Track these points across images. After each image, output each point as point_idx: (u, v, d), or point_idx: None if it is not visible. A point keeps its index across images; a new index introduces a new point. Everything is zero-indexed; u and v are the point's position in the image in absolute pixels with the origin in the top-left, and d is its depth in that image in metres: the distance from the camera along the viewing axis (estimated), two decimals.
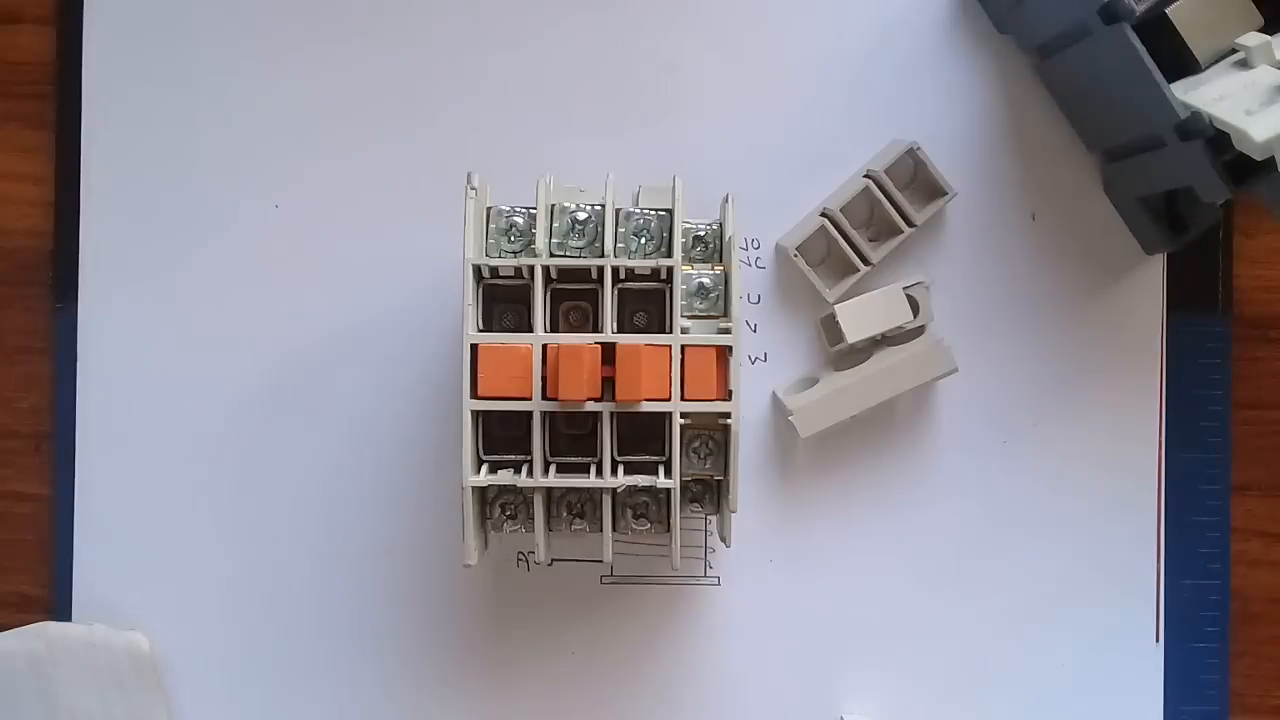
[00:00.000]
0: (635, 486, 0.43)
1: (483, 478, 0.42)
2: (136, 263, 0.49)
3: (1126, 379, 0.50)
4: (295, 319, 0.50)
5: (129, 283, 0.49)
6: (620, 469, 0.43)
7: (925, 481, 0.50)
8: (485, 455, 0.43)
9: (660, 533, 0.44)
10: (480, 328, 0.43)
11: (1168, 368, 0.50)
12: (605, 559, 0.43)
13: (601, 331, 0.42)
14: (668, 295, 0.43)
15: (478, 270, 0.43)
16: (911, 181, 0.49)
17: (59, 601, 0.49)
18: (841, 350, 0.49)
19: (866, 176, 0.48)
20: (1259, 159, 0.39)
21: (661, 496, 0.44)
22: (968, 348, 0.49)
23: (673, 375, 0.42)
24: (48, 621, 0.49)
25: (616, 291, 0.43)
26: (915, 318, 0.48)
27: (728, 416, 0.42)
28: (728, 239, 0.44)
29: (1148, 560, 0.50)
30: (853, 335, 0.48)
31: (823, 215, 0.48)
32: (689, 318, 0.43)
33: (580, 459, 0.43)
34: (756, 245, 0.50)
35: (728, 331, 0.42)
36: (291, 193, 0.50)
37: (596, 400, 0.42)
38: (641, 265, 0.43)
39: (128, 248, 0.49)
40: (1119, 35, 0.43)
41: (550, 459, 0.43)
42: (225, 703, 0.50)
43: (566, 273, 0.43)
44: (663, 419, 0.42)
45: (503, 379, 0.42)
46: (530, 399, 0.42)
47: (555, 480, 0.42)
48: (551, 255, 0.43)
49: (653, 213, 0.44)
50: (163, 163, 0.50)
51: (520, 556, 0.50)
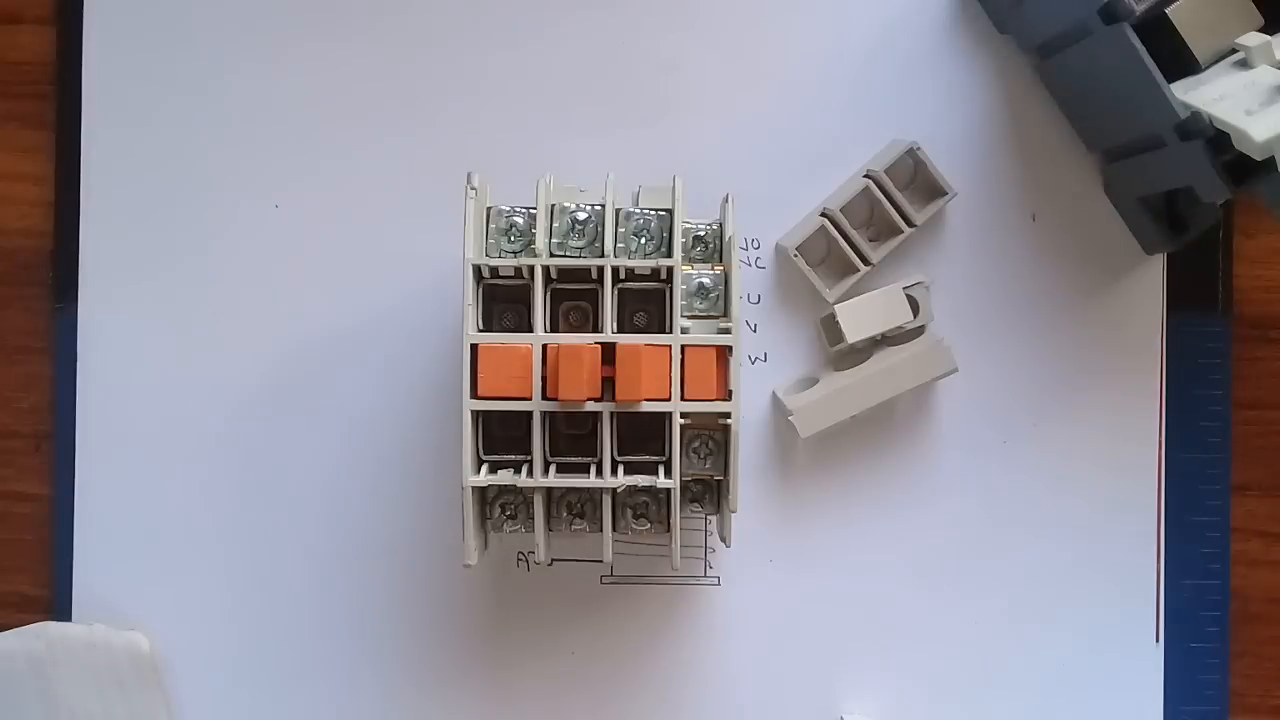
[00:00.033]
0: (635, 486, 0.43)
1: (483, 478, 0.42)
2: (136, 263, 0.49)
3: (1126, 379, 0.50)
4: (295, 319, 0.50)
5: (129, 283, 0.49)
6: (620, 469, 0.43)
7: (925, 481, 0.50)
8: (485, 455, 0.43)
9: (660, 533, 0.44)
10: (480, 328, 0.43)
11: (1168, 368, 0.50)
12: (605, 559, 0.43)
13: (601, 331, 0.42)
14: (668, 295, 0.43)
15: (478, 270, 0.43)
16: (911, 181, 0.49)
17: (59, 601, 0.49)
18: (841, 350, 0.49)
19: (866, 176, 0.48)
20: (1259, 159, 0.39)
21: (661, 496, 0.44)
22: (968, 348, 0.49)
23: (673, 375, 0.42)
24: (48, 621, 0.49)
25: (616, 291, 0.43)
26: (915, 318, 0.48)
27: (728, 416, 0.42)
28: (728, 239, 0.43)
29: (1148, 560, 0.50)
30: (853, 335, 0.48)
31: (823, 215, 0.48)
32: (689, 318, 0.43)
33: (580, 459, 0.43)
34: (756, 245, 0.50)
35: (728, 331, 0.42)
36: (291, 193, 0.50)
37: (596, 400, 0.42)
38: (641, 265, 0.43)
39: (128, 248, 0.49)
40: (1119, 35, 0.43)
41: (550, 459, 0.43)
42: (225, 703, 0.50)
43: (566, 273, 0.43)
44: (663, 419, 0.42)
45: (503, 379, 0.42)
46: (530, 399, 0.42)
47: (555, 480, 0.42)
48: (551, 255, 0.43)
49: (653, 213, 0.44)
50: (163, 163, 0.50)
51: (520, 556, 0.50)
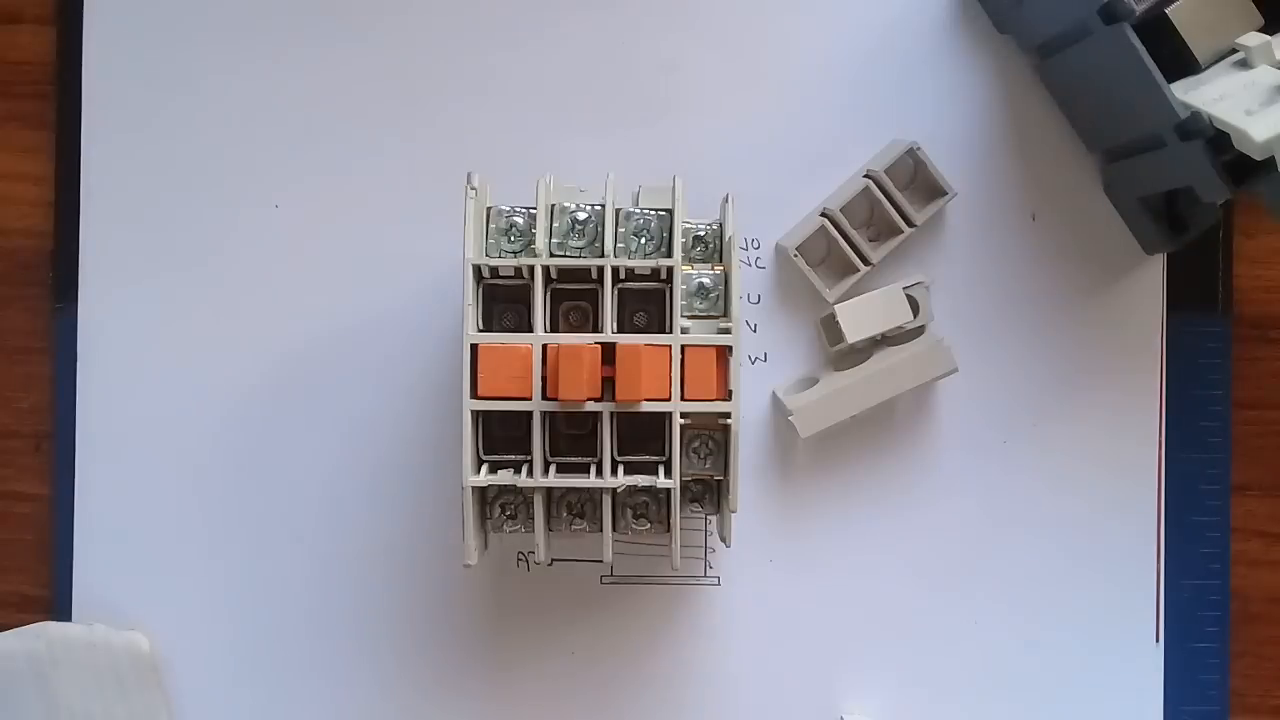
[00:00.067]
0: (635, 486, 0.43)
1: (483, 478, 0.42)
2: (136, 263, 0.49)
3: (1126, 379, 0.50)
4: (295, 319, 0.49)
5: (129, 283, 0.49)
6: (620, 469, 0.43)
7: (925, 481, 0.50)
8: (485, 455, 0.43)
9: (660, 533, 0.44)
10: (480, 328, 0.43)
11: (1168, 368, 0.50)
12: (605, 559, 0.43)
13: (601, 331, 0.42)
14: (668, 295, 0.43)
15: (478, 270, 0.43)
16: (911, 181, 0.49)
17: (59, 601, 0.49)
18: (841, 350, 0.49)
19: (866, 176, 0.48)
20: (1259, 159, 0.39)
21: (661, 496, 0.44)
22: (968, 348, 0.49)
23: (673, 375, 0.42)
24: (48, 621, 0.49)
25: (616, 291, 0.43)
26: (915, 318, 0.48)
27: (728, 416, 0.42)
28: (728, 239, 0.43)
29: (1148, 560, 0.50)
30: (853, 335, 0.48)
31: (823, 215, 0.48)
32: (689, 318, 0.43)
33: (580, 459, 0.43)
34: (756, 245, 0.50)
35: (728, 331, 0.42)
36: (291, 193, 0.50)
37: (596, 400, 0.42)
38: (641, 265, 0.43)
39: (128, 248, 0.49)
40: (1119, 35, 0.43)
41: (550, 459, 0.43)
42: (225, 703, 0.49)
43: (566, 273, 0.43)
44: (663, 419, 0.42)
45: (503, 379, 0.42)
46: (530, 399, 0.42)
47: (555, 480, 0.42)
48: (551, 255, 0.43)
49: (653, 213, 0.44)
50: (163, 163, 0.50)
51: (520, 556, 0.50)
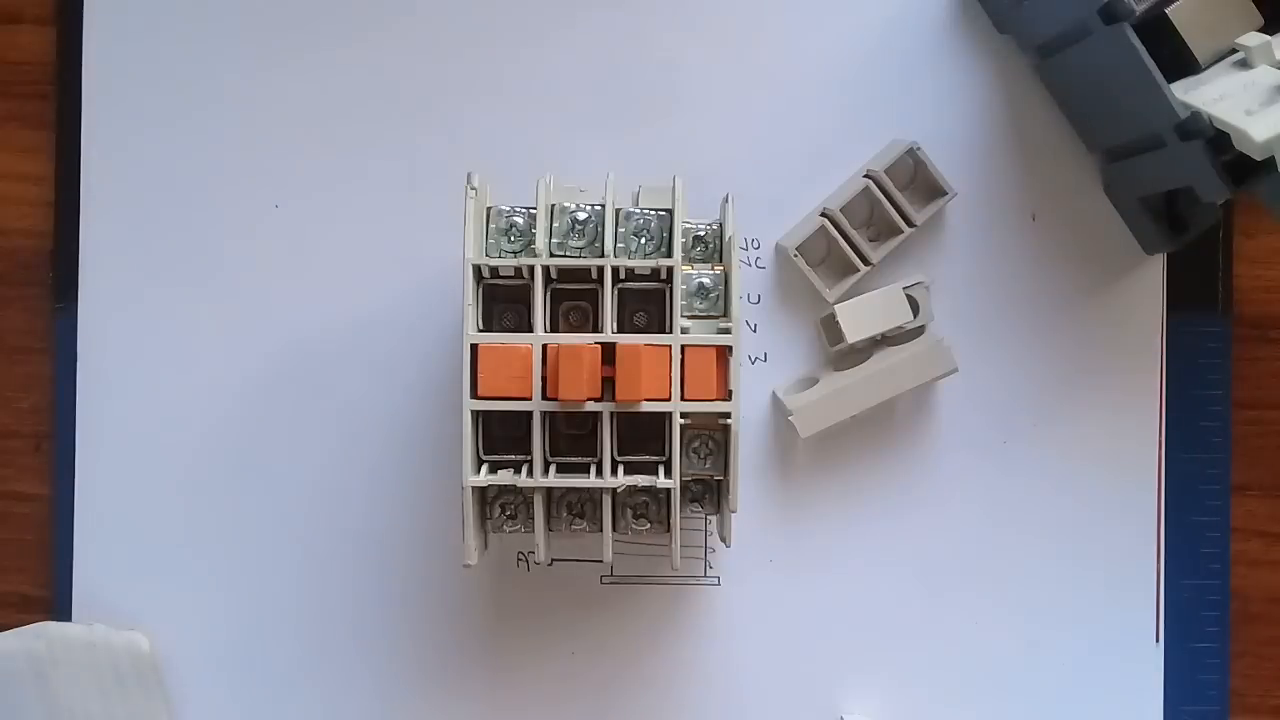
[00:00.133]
0: (635, 486, 0.43)
1: (483, 478, 0.42)
2: (136, 263, 0.49)
3: (1126, 379, 0.50)
4: (295, 319, 0.49)
5: (129, 283, 0.49)
6: (620, 469, 0.43)
7: (925, 482, 0.50)
8: (485, 455, 0.43)
9: (660, 533, 0.44)
10: (480, 328, 0.43)
11: (1168, 368, 0.50)
12: (605, 559, 0.43)
13: (601, 331, 0.42)
14: (668, 295, 0.43)
15: (478, 270, 0.43)
16: (911, 181, 0.49)
17: (59, 601, 0.49)
18: (841, 350, 0.49)
19: (866, 176, 0.48)
20: (1259, 159, 0.39)
21: (661, 496, 0.44)
22: (968, 348, 0.49)
23: (673, 375, 0.42)
24: (48, 621, 0.49)
25: (616, 291, 0.43)
26: (915, 318, 0.48)
27: (728, 416, 0.42)
28: (728, 239, 0.43)
29: (1148, 560, 0.50)
30: (853, 335, 0.48)
31: (823, 215, 0.48)
32: (689, 318, 0.43)
33: (580, 459, 0.43)
34: (756, 245, 0.50)
35: (728, 331, 0.42)
36: (291, 193, 0.50)
37: (596, 400, 0.42)
38: (641, 265, 0.43)
39: (128, 248, 0.49)
40: (1119, 35, 0.43)
41: (550, 459, 0.43)
42: (225, 703, 0.49)
43: (566, 273, 0.43)
44: (663, 419, 0.42)
45: (503, 379, 0.42)
46: (530, 399, 0.42)
47: (555, 480, 0.42)
48: (551, 255, 0.43)
49: (653, 213, 0.44)
50: (163, 163, 0.50)
51: (520, 556, 0.50)
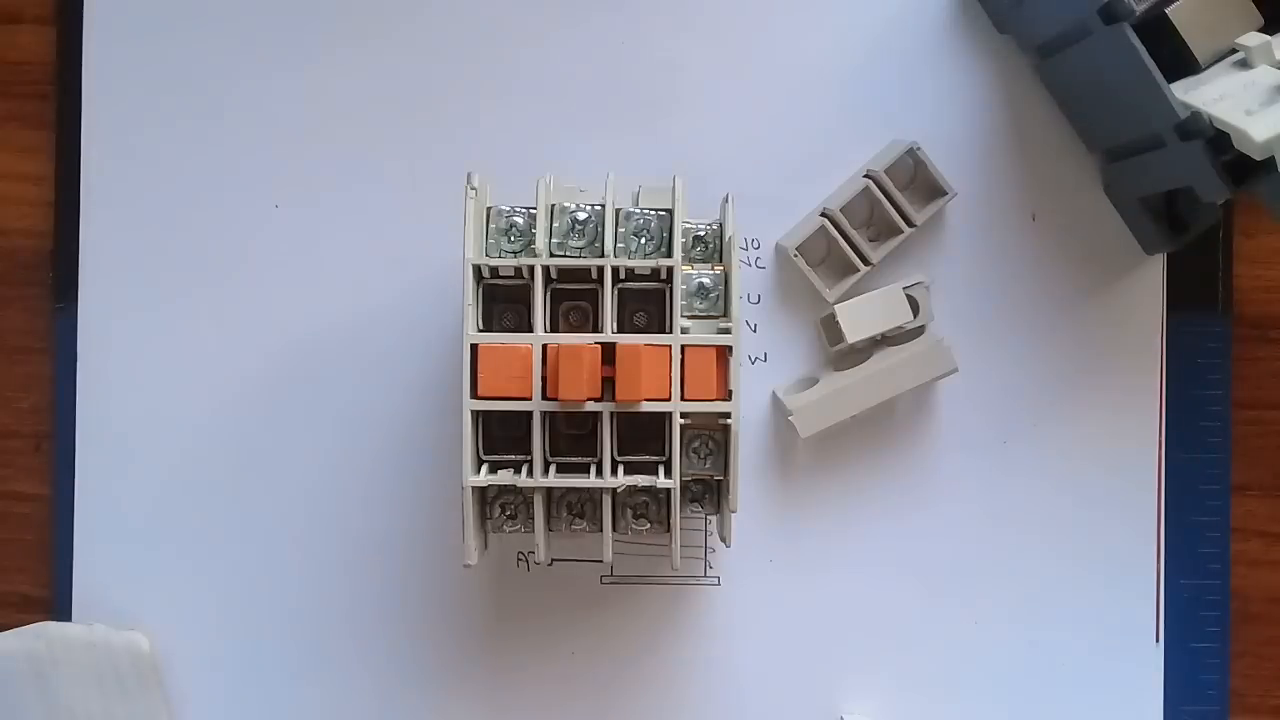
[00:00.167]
0: (635, 486, 0.43)
1: (483, 478, 0.42)
2: (136, 263, 0.49)
3: (1126, 379, 0.50)
4: (295, 319, 0.49)
5: (129, 283, 0.49)
6: (620, 469, 0.43)
7: (925, 482, 0.50)
8: (485, 455, 0.43)
9: (660, 533, 0.44)
10: (480, 328, 0.43)
11: (1168, 368, 0.50)
12: (605, 559, 0.43)
13: (601, 331, 0.42)
14: (668, 295, 0.43)
15: (478, 270, 0.43)
16: (911, 181, 0.49)
17: (59, 601, 0.49)
18: (841, 350, 0.49)
19: (866, 176, 0.48)
20: (1259, 159, 0.39)
21: (661, 496, 0.44)
22: (968, 348, 0.49)
23: (673, 375, 0.42)
24: (48, 621, 0.49)
25: (616, 291, 0.43)
26: (915, 318, 0.48)
27: (728, 416, 0.42)
28: (728, 239, 0.43)
29: (1148, 560, 0.50)
30: (853, 335, 0.48)
31: (823, 215, 0.48)
32: (689, 318, 0.43)
33: (580, 459, 0.43)
34: (756, 245, 0.50)
35: (728, 331, 0.42)
36: (291, 193, 0.50)
37: (596, 400, 0.42)
38: (641, 265, 0.43)
39: (128, 248, 0.49)
40: (1119, 35, 0.43)
41: (550, 459, 0.43)
42: (225, 703, 0.50)
43: (566, 273, 0.43)
44: (663, 419, 0.42)
45: (503, 379, 0.42)
46: (530, 399, 0.42)
47: (555, 480, 0.42)
48: (551, 255, 0.43)
49: (653, 213, 0.44)
50: (163, 163, 0.50)
51: (520, 556, 0.50)
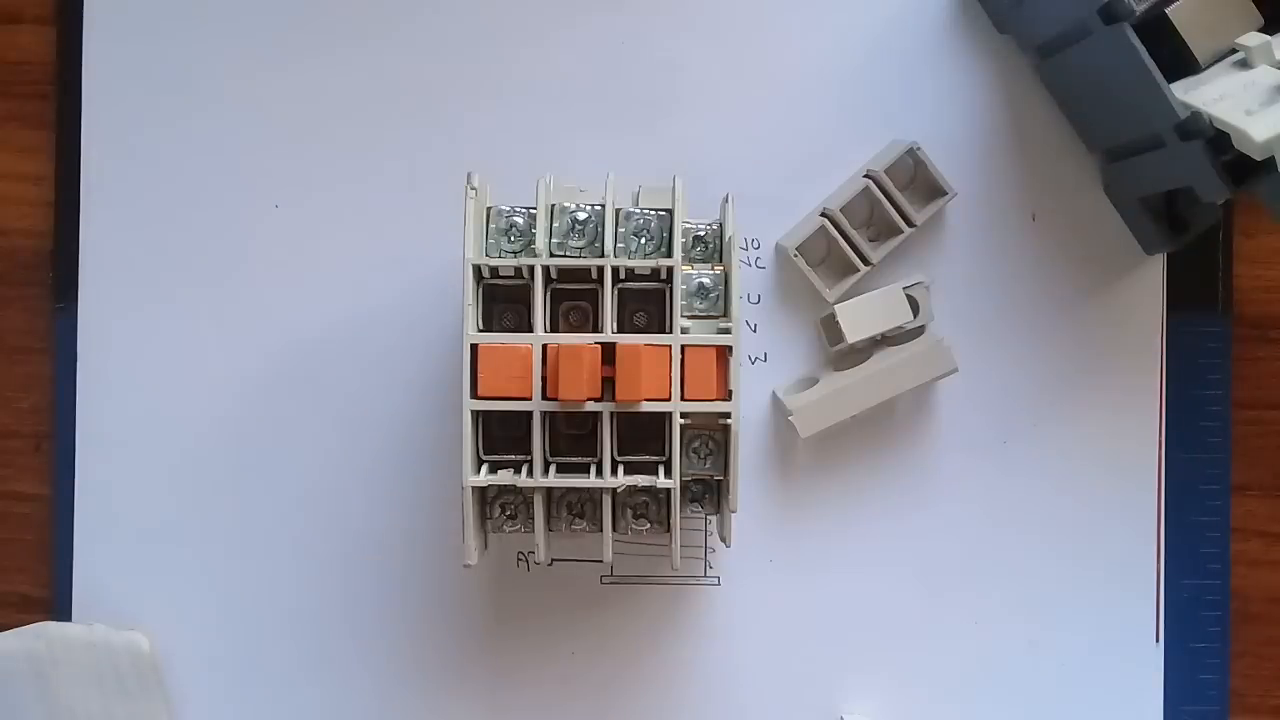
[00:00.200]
0: (635, 486, 0.43)
1: (483, 478, 0.42)
2: (136, 263, 0.49)
3: (1126, 379, 0.50)
4: (295, 319, 0.49)
5: (129, 283, 0.49)
6: (620, 469, 0.43)
7: (925, 482, 0.50)
8: (485, 455, 0.43)
9: (660, 533, 0.44)
10: (480, 328, 0.43)
11: (1168, 368, 0.50)
12: (605, 559, 0.43)
13: (601, 331, 0.42)
14: (668, 295, 0.43)
15: (478, 270, 0.43)
16: (911, 181, 0.49)
17: (59, 601, 0.49)
18: (841, 350, 0.49)
19: (866, 176, 0.48)
20: (1259, 159, 0.39)
21: (661, 496, 0.44)
22: (968, 348, 0.49)
23: (673, 375, 0.42)
24: (48, 621, 0.49)
25: (616, 291, 0.43)
26: (915, 318, 0.48)
27: (728, 416, 0.42)
28: (728, 239, 0.43)
29: (1148, 560, 0.50)
30: (853, 335, 0.48)
31: (823, 215, 0.48)
32: (689, 318, 0.43)
33: (580, 459, 0.43)
34: (756, 245, 0.50)
35: (728, 331, 0.42)
36: (291, 192, 0.50)
37: (596, 400, 0.42)
38: (641, 265, 0.43)
39: (128, 248, 0.49)
40: (1119, 35, 0.43)
41: (550, 459, 0.43)
42: (225, 703, 0.50)
43: (566, 273, 0.43)
44: (663, 419, 0.42)
45: (503, 379, 0.42)
46: (530, 399, 0.42)
47: (555, 480, 0.42)
48: (551, 255, 0.43)
49: (653, 213, 0.44)
50: (163, 163, 0.50)
51: (520, 556, 0.50)
